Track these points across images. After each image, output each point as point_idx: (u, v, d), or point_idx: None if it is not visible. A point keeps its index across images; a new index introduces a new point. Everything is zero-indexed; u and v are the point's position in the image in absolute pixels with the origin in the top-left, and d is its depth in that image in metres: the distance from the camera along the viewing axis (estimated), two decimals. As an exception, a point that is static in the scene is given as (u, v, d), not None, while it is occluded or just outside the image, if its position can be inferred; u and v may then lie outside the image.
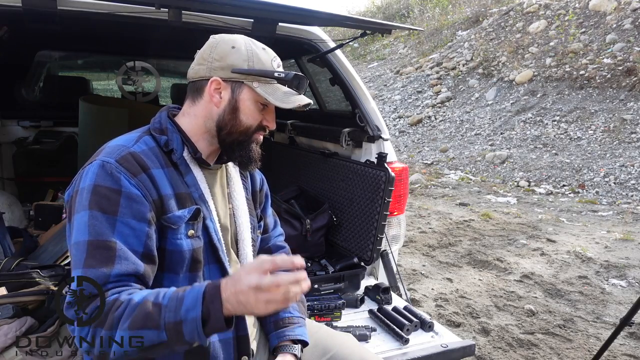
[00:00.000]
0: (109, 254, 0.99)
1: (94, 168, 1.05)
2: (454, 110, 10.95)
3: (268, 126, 1.20)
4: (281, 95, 1.15)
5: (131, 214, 1.02)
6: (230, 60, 1.14)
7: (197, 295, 0.92)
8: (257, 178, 1.44)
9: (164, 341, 0.92)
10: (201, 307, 0.91)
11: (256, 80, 1.14)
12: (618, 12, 10.17)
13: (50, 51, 3.75)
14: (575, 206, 6.28)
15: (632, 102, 8.17)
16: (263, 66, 1.15)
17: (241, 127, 1.17)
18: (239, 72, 1.13)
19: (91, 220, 1.00)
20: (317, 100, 2.96)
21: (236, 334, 1.17)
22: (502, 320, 3.20)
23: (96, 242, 0.99)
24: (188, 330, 0.91)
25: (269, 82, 1.15)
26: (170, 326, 0.91)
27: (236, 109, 1.16)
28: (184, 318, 0.91)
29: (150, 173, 1.08)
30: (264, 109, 1.18)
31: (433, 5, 16.72)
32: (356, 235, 2.33)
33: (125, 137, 1.14)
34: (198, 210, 1.13)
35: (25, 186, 3.32)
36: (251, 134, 1.18)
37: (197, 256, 1.12)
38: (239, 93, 1.15)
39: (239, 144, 1.18)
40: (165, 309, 0.92)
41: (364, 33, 2.00)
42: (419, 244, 4.76)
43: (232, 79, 1.15)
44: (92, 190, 1.02)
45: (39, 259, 2.02)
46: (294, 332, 1.27)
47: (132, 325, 0.92)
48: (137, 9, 1.76)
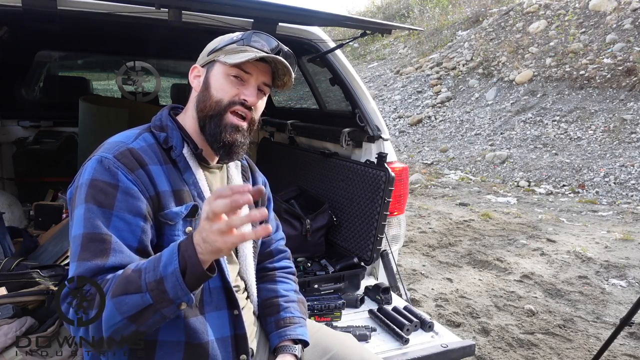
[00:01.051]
0: (103, 246, 0.99)
1: (92, 163, 1.06)
2: (454, 110, 10.95)
3: (246, 100, 1.15)
4: (243, 55, 1.11)
5: (127, 208, 1.03)
6: (209, 48, 1.20)
7: (172, 249, 0.92)
8: (260, 180, 1.43)
9: (150, 304, 0.91)
10: (177, 258, 0.90)
11: (223, 53, 1.15)
12: (618, 12, 10.17)
13: (50, 51, 3.74)
14: (575, 206, 6.28)
15: (632, 102, 8.17)
16: (231, 40, 1.16)
17: (211, 101, 1.15)
18: (211, 52, 1.17)
19: (87, 214, 1.01)
20: (317, 100, 2.96)
21: (234, 333, 1.16)
22: (502, 320, 3.20)
23: (91, 235, 0.99)
24: (170, 286, 0.90)
25: (236, 50, 1.14)
26: (152, 286, 0.90)
27: (208, 86, 1.16)
28: (163, 274, 0.90)
29: (147, 169, 1.08)
30: (242, 84, 1.15)
31: (433, 5, 16.72)
32: (356, 235, 2.33)
33: (124, 134, 1.15)
34: (195, 206, 1.12)
35: (25, 186, 3.32)
36: (223, 109, 1.15)
37: None
38: (210, 71, 1.17)
39: (210, 119, 1.15)
40: (145, 270, 0.92)
41: (364, 33, 2.00)
42: (419, 244, 4.76)
43: (207, 62, 1.18)
44: (90, 184, 1.03)
45: (39, 259, 2.02)
46: (295, 331, 1.27)
47: (115, 293, 0.92)
48: (137, 9, 1.76)
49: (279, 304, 1.31)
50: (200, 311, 1.12)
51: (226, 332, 1.15)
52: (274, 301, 1.32)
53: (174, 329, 1.09)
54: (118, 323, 0.93)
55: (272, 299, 1.32)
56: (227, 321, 1.15)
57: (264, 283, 1.36)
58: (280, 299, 1.32)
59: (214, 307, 1.14)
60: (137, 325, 0.94)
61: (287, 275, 1.41)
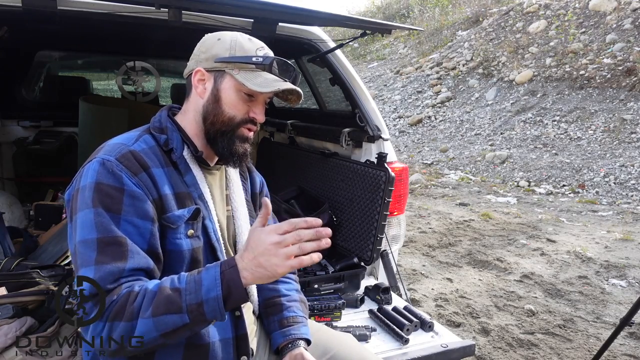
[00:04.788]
0: (121, 249, 0.99)
1: (94, 166, 1.04)
2: (454, 110, 10.95)
3: (255, 118, 1.16)
4: (261, 81, 1.11)
5: (135, 212, 1.02)
6: (214, 51, 1.14)
7: (214, 274, 0.96)
8: (257, 180, 1.43)
9: (187, 323, 0.95)
10: (220, 285, 0.95)
11: (237, 68, 1.12)
12: (618, 12, 10.18)
13: (50, 51, 3.75)
14: (575, 206, 6.28)
15: (632, 102, 8.17)
16: (245, 54, 1.12)
17: (223, 117, 1.14)
18: (221, 60, 1.12)
19: (97, 218, 0.99)
20: (317, 100, 2.96)
21: (236, 334, 1.16)
22: (502, 320, 3.20)
23: (106, 239, 0.99)
24: (210, 309, 0.95)
25: (251, 69, 1.12)
26: (192, 308, 0.94)
27: (218, 99, 1.14)
28: (205, 299, 0.94)
29: (150, 172, 1.07)
30: (251, 101, 1.15)
31: (433, 5, 16.72)
32: (356, 235, 2.33)
33: (125, 136, 1.14)
34: (198, 210, 1.12)
35: (25, 186, 3.32)
36: (235, 126, 1.15)
37: (197, 256, 1.12)
38: (220, 82, 1.14)
39: (222, 135, 1.15)
40: (185, 292, 0.95)
41: (364, 33, 2.00)
42: (419, 244, 4.76)
43: (214, 69, 1.14)
44: (95, 188, 1.01)
45: (39, 259, 2.03)
46: (299, 330, 1.27)
47: (155, 312, 0.94)
48: (137, 9, 1.76)
49: (281, 303, 1.31)
50: None
51: (228, 334, 1.15)
52: (276, 300, 1.31)
53: None
54: (152, 340, 0.96)
55: (274, 298, 1.32)
56: (230, 323, 1.15)
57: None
58: (282, 298, 1.32)
59: None
60: (168, 339, 0.97)
61: (288, 276, 1.40)
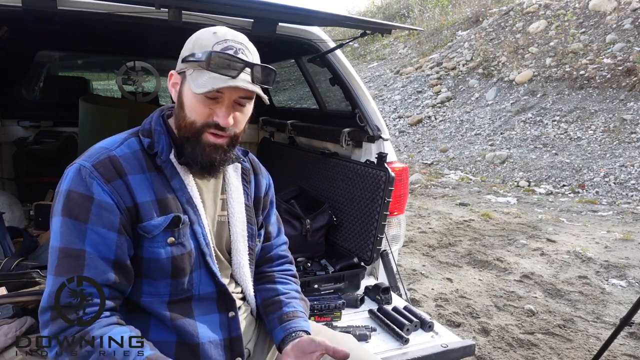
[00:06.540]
0: (77, 262, 0.99)
1: (71, 172, 1.04)
2: (454, 110, 10.95)
3: (218, 122, 1.05)
4: (203, 81, 1.01)
5: (101, 222, 1.01)
6: (183, 51, 1.08)
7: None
8: (263, 183, 1.36)
9: None
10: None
11: (191, 68, 1.04)
12: (618, 12, 10.18)
13: (50, 51, 3.75)
14: (575, 206, 6.28)
15: (632, 102, 8.16)
16: (202, 50, 1.03)
17: (185, 122, 1.07)
18: (182, 61, 1.07)
19: (63, 227, 1.01)
20: (317, 100, 2.96)
21: (229, 335, 1.15)
22: (502, 320, 3.20)
23: (65, 250, 1.00)
24: None
25: (200, 67, 1.02)
26: None
27: (181, 103, 1.08)
28: None
29: (126, 180, 1.05)
30: (214, 103, 1.05)
31: (433, 5, 16.73)
32: (356, 235, 2.33)
33: (111, 140, 1.12)
34: (178, 217, 1.08)
35: (25, 186, 3.32)
36: (197, 132, 1.06)
37: (179, 264, 1.08)
38: (183, 84, 1.08)
39: (187, 141, 1.08)
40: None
41: (364, 33, 2.00)
42: (419, 244, 4.76)
43: (180, 70, 1.08)
44: (66, 196, 1.02)
45: (39, 259, 2.03)
46: (300, 324, 1.23)
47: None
48: (137, 9, 1.76)
49: (280, 301, 1.28)
50: (189, 315, 1.11)
51: (218, 336, 1.13)
52: (275, 299, 1.29)
53: (164, 330, 1.09)
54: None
55: (272, 297, 1.29)
56: (218, 325, 1.14)
57: (262, 284, 1.33)
58: (281, 296, 1.29)
59: (202, 312, 1.13)
60: None
61: (288, 277, 1.37)
